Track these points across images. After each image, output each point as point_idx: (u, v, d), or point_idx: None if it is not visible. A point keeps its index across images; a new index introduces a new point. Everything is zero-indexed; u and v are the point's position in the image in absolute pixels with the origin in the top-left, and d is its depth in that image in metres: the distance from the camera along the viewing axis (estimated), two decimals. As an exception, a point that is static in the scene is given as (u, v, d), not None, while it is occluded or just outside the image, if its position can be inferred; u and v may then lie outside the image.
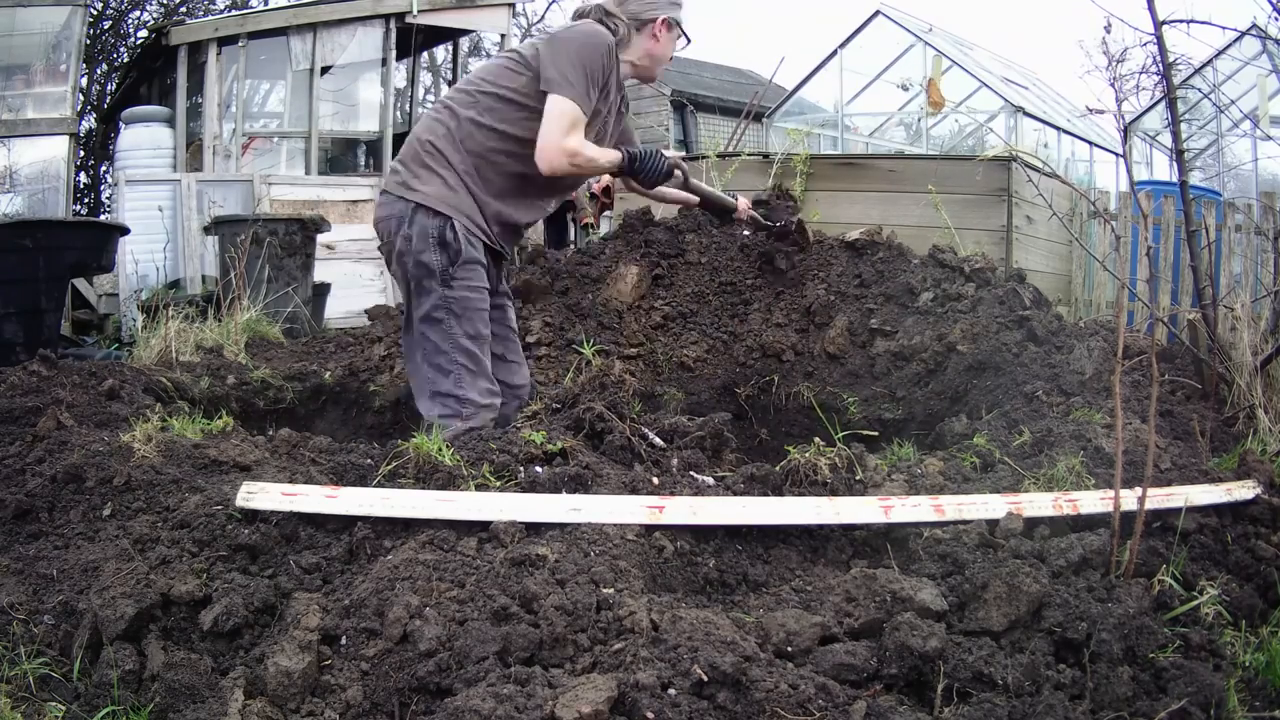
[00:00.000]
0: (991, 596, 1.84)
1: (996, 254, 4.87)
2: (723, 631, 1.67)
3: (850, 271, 4.71)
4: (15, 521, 2.25)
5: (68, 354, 5.31)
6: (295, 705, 1.64)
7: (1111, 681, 1.71)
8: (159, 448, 2.42)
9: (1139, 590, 1.94)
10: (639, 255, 4.88)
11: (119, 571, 1.94)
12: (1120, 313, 4.20)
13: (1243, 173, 12.94)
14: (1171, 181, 6.96)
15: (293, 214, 7.24)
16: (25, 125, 8.40)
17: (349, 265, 8.69)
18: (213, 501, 2.13)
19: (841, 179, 5.49)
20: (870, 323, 4.42)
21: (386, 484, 2.21)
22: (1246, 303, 3.70)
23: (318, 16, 9.73)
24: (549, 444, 2.33)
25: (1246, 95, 11.94)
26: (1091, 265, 6.11)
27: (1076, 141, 13.63)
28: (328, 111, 10.16)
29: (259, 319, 5.26)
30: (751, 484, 2.29)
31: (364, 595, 1.80)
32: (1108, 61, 2.73)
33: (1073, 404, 3.19)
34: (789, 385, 4.33)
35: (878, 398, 4.14)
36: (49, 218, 7.22)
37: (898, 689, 1.71)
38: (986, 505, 2.26)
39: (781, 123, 13.67)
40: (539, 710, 1.48)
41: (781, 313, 4.58)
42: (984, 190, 5.03)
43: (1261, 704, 1.76)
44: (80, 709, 1.72)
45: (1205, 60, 10.35)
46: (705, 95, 16.59)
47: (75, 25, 8.51)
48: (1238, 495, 2.39)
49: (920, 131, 13.96)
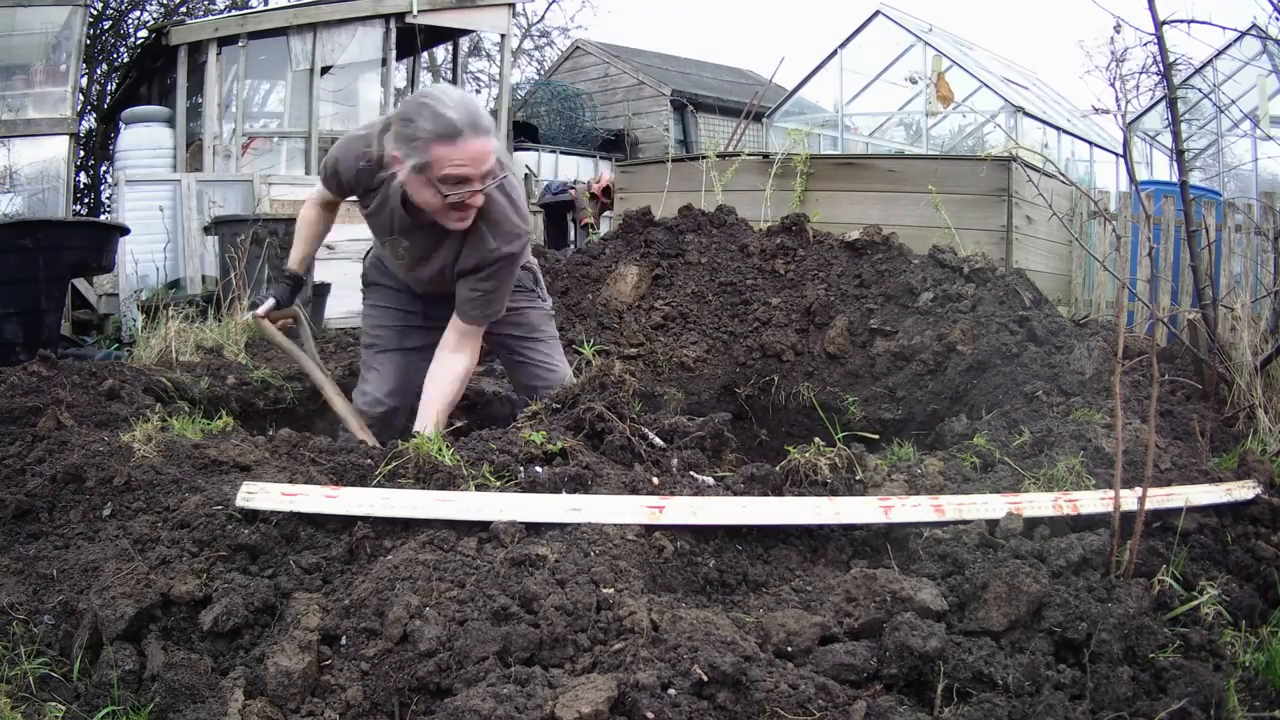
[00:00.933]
0: (991, 596, 1.84)
1: (996, 254, 4.87)
2: (723, 631, 1.67)
3: (850, 271, 4.71)
4: (15, 521, 2.25)
5: (68, 354, 5.32)
6: (295, 705, 1.64)
7: (1111, 681, 1.71)
8: (159, 448, 2.42)
9: (1139, 590, 1.94)
10: (639, 255, 4.88)
11: (119, 571, 1.94)
12: (1120, 313, 4.21)
13: (1243, 173, 12.94)
14: (1171, 181, 6.96)
15: (293, 214, 7.22)
16: (25, 125, 8.40)
17: (349, 265, 8.66)
18: (213, 501, 2.13)
19: (841, 179, 5.49)
20: (870, 323, 4.42)
21: (386, 484, 2.21)
22: (1246, 303, 3.71)
23: (318, 16, 9.73)
24: (549, 444, 2.33)
25: (1246, 95, 11.94)
26: (1091, 265, 6.11)
27: (1076, 141, 13.62)
28: (328, 111, 10.16)
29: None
30: (751, 484, 2.29)
31: (364, 595, 1.80)
32: (1109, 61, 2.73)
33: (1073, 404, 3.19)
34: (789, 385, 4.33)
35: (878, 398, 4.14)
36: (49, 218, 7.21)
37: (898, 689, 1.71)
38: (987, 505, 2.26)
39: (781, 123, 13.66)
40: (539, 710, 1.48)
41: (781, 313, 4.59)
42: (984, 190, 5.03)
43: (1261, 704, 1.76)
44: (80, 709, 1.72)
45: (1205, 60, 10.35)
46: (705, 95, 16.59)
47: (75, 25, 8.51)
48: (1238, 495, 2.39)
49: (920, 131, 13.95)
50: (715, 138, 11.86)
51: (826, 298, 4.56)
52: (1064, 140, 13.29)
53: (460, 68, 13.30)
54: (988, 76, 12.91)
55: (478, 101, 2.79)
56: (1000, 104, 12.52)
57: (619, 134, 15.78)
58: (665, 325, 4.66)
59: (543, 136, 14.38)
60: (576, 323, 4.55)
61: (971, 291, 4.34)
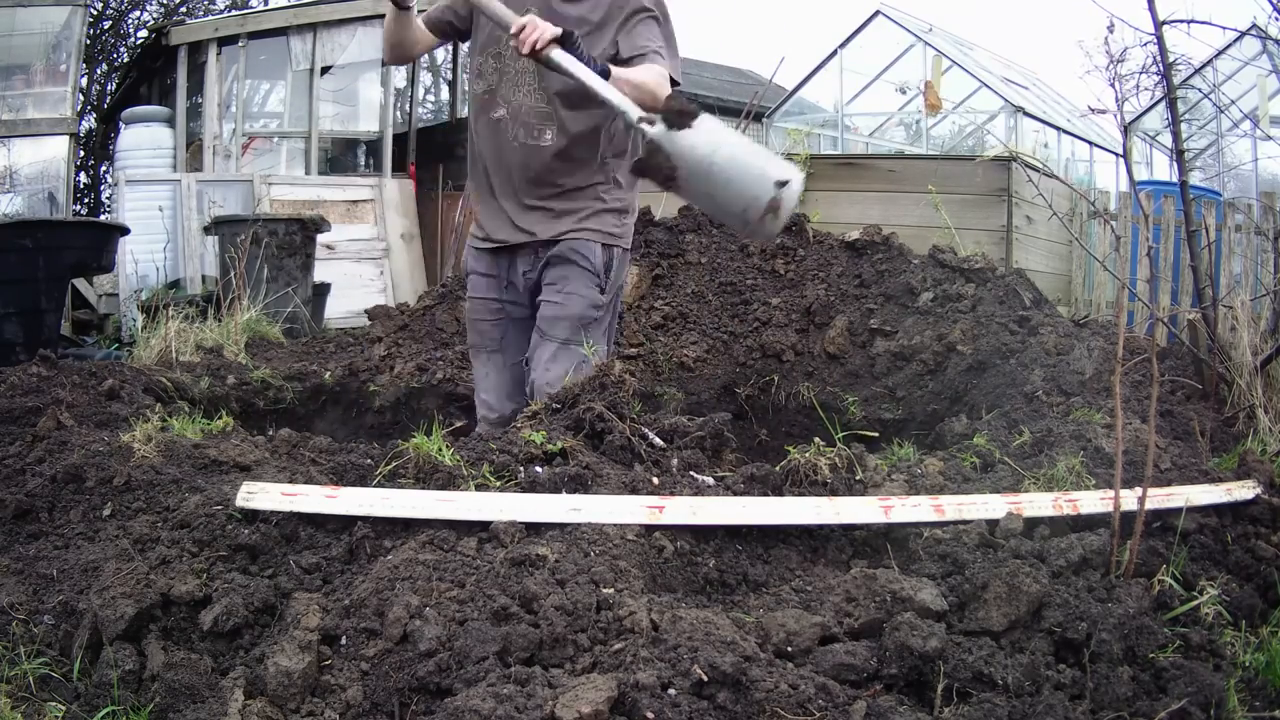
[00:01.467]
0: (991, 596, 1.84)
1: (996, 254, 4.88)
2: (723, 631, 1.67)
3: (850, 271, 4.71)
4: (15, 521, 2.25)
5: (68, 354, 5.32)
6: (295, 705, 1.64)
7: (1111, 681, 1.71)
8: (159, 448, 2.42)
9: (1139, 590, 1.94)
10: (639, 255, 4.88)
11: (119, 571, 1.94)
12: (1120, 313, 4.21)
13: (1243, 173, 12.94)
14: (1171, 181, 6.96)
15: (293, 214, 7.25)
16: (25, 125, 8.40)
17: (349, 265, 8.69)
18: (213, 501, 2.13)
19: (841, 179, 5.49)
20: (870, 323, 4.42)
21: (386, 484, 2.21)
22: (1246, 303, 3.70)
23: (318, 16, 9.73)
24: (549, 444, 2.33)
25: (1246, 95, 11.94)
26: (1091, 265, 6.11)
27: (1076, 141, 13.63)
28: (328, 111, 10.16)
29: (259, 319, 5.27)
30: (752, 484, 2.29)
31: (364, 595, 1.80)
32: (1108, 61, 2.73)
33: (1073, 404, 3.19)
34: (789, 385, 4.33)
35: (878, 398, 4.14)
36: (49, 218, 7.22)
37: (898, 689, 1.71)
38: (986, 505, 2.25)
39: (781, 123, 13.67)
40: (539, 710, 1.48)
41: (781, 313, 4.59)
42: (984, 190, 5.04)
43: (1261, 704, 1.76)
44: (80, 709, 1.72)
45: (1205, 60, 10.34)
46: (705, 95, 16.57)
47: (75, 25, 8.51)
48: (1238, 495, 2.39)
49: (920, 131, 13.96)
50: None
51: (826, 298, 4.56)
52: (1064, 140, 13.29)
53: (460, 68, 13.29)
54: (988, 76, 12.92)
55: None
56: (1000, 104, 12.52)
57: (619, 134, 15.77)
58: (665, 325, 4.66)
59: (543, 136, 14.38)
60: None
61: (971, 291, 4.34)
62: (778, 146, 7.25)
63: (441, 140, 11.39)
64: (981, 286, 4.36)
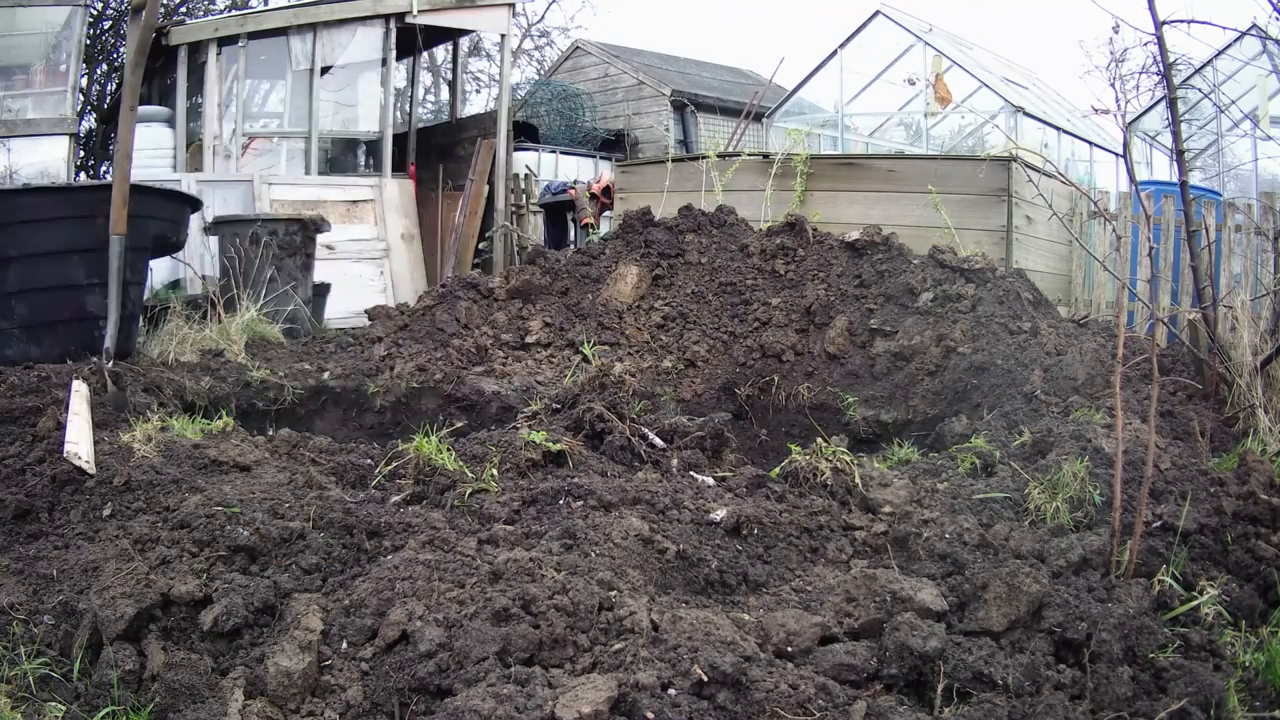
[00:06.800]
0: (991, 596, 1.84)
1: (996, 254, 4.87)
2: (723, 631, 1.67)
3: (850, 271, 4.71)
4: (15, 521, 2.25)
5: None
6: (295, 705, 1.64)
7: (1111, 681, 1.71)
8: (159, 448, 2.42)
9: (1139, 590, 1.94)
10: (639, 255, 4.88)
11: (119, 571, 1.94)
12: (1120, 313, 4.20)
13: (1243, 173, 12.93)
14: (1171, 181, 6.95)
15: (293, 214, 7.23)
16: (25, 125, 8.40)
17: (349, 265, 8.68)
18: (213, 501, 2.13)
19: (841, 179, 5.49)
20: (870, 323, 4.42)
21: (387, 483, 2.20)
22: (1246, 303, 3.70)
23: (318, 16, 9.73)
24: (549, 444, 2.33)
25: (1246, 95, 11.93)
26: (1091, 265, 6.11)
27: (1076, 141, 13.61)
28: (328, 111, 10.15)
29: (259, 319, 5.26)
30: (753, 488, 2.29)
31: (364, 595, 1.80)
32: (1109, 61, 2.73)
33: (1072, 404, 3.19)
34: (789, 385, 4.33)
35: (878, 398, 4.14)
36: (137, 182, 6.73)
37: (898, 689, 1.71)
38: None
39: (781, 123, 13.66)
40: (539, 710, 1.48)
41: (781, 313, 4.59)
42: (984, 190, 5.04)
43: (1261, 704, 1.76)
44: (80, 709, 1.72)
45: (1205, 60, 10.34)
46: (705, 95, 16.58)
47: (75, 25, 8.51)
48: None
49: (920, 131, 13.95)
50: (715, 138, 11.85)
51: (826, 298, 4.56)
52: (1064, 140, 13.28)
53: (460, 68, 13.29)
54: (988, 76, 12.91)
55: None
56: (1000, 104, 12.51)
57: (619, 134, 15.77)
58: (665, 325, 4.66)
59: (543, 136, 14.37)
60: (576, 322, 4.55)
61: (971, 292, 4.34)
62: (778, 146, 7.23)
63: (441, 140, 11.38)
64: (981, 286, 4.36)
